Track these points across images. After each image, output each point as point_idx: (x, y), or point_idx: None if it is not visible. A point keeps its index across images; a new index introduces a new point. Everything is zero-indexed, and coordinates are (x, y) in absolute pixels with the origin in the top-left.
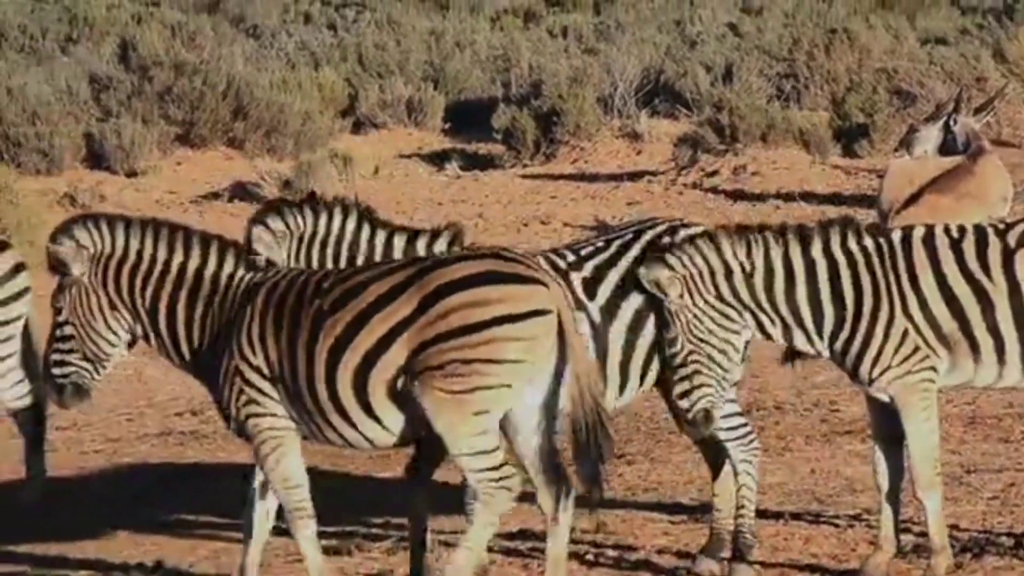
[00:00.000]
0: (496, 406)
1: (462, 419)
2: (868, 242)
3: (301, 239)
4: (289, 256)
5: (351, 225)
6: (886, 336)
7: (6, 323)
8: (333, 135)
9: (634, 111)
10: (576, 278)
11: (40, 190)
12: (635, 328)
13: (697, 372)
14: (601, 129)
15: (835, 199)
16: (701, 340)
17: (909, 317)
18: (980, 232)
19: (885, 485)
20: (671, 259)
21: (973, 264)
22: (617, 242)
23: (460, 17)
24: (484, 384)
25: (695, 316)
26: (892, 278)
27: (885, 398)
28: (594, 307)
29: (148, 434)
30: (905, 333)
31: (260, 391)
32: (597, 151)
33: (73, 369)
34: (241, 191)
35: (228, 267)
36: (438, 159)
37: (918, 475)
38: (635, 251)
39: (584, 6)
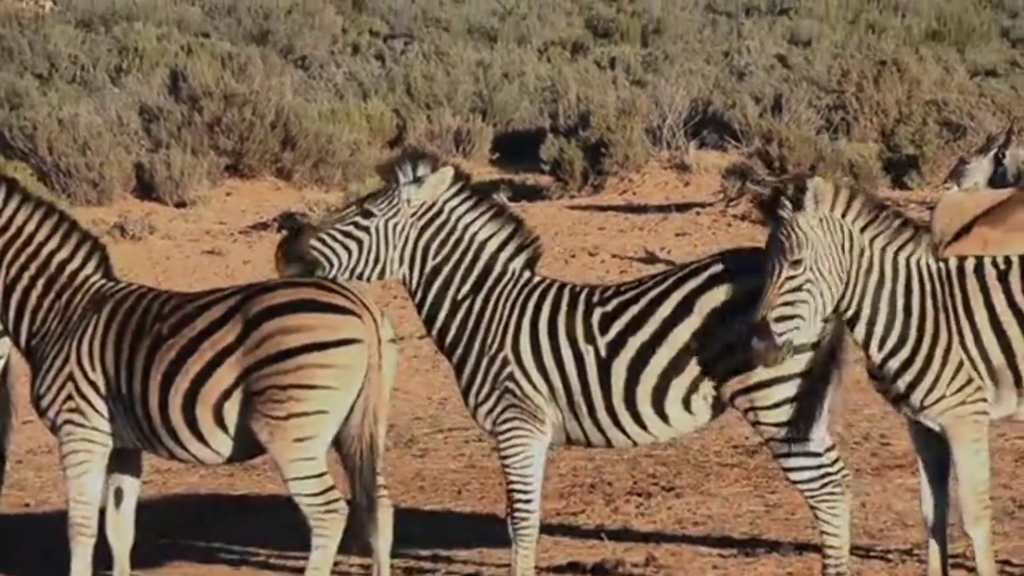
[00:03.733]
0: (315, 432)
1: (285, 446)
2: (938, 265)
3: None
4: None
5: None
6: (943, 364)
7: None
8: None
9: (682, 142)
10: (598, 312)
11: (90, 220)
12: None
13: (802, 302)
14: (649, 160)
15: None
16: (821, 275)
17: (965, 348)
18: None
19: (932, 518)
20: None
21: (1019, 297)
22: (656, 279)
23: (508, 48)
24: (299, 410)
25: (824, 254)
26: (950, 305)
27: (935, 427)
28: (603, 342)
29: (197, 465)
30: (960, 364)
31: (89, 403)
32: (645, 182)
33: None
34: (290, 221)
35: (88, 268)
36: (486, 190)
37: (966, 509)
38: (659, 288)
39: (632, 38)
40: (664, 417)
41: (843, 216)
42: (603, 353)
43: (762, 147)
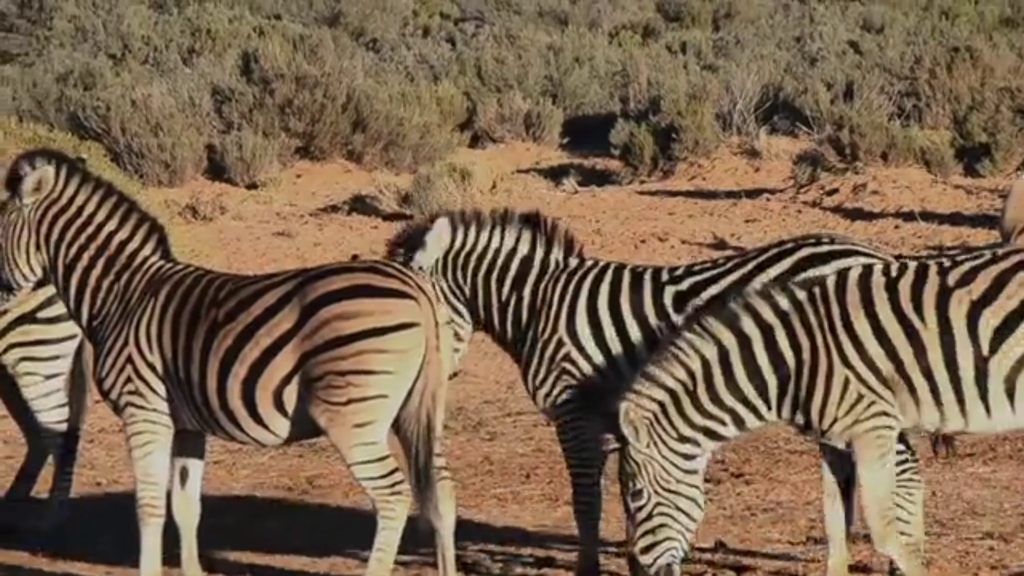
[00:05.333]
0: (375, 417)
1: (345, 431)
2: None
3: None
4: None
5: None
6: (828, 385)
7: (55, 342)
8: (451, 149)
9: (753, 128)
10: (670, 291)
11: (162, 201)
12: None
13: (663, 526)
14: (720, 146)
15: (956, 219)
16: (668, 492)
17: (848, 364)
18: (920, 271)
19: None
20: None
21: (906, 305)
22: (734, 263)
23: (579, 32)
24: (358, 396)
25: (661, 467)
26: (826, 324)
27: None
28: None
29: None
30: (847, 381)
31: (148, 385)
32: (715, 168)
33: None
34: (359, 204)
35: (147, 249)
36: (555, 174)
37: (873, 530)
38: (740, 271)
39: (703, 22)
40: None
41: None
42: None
43: (833, 133)
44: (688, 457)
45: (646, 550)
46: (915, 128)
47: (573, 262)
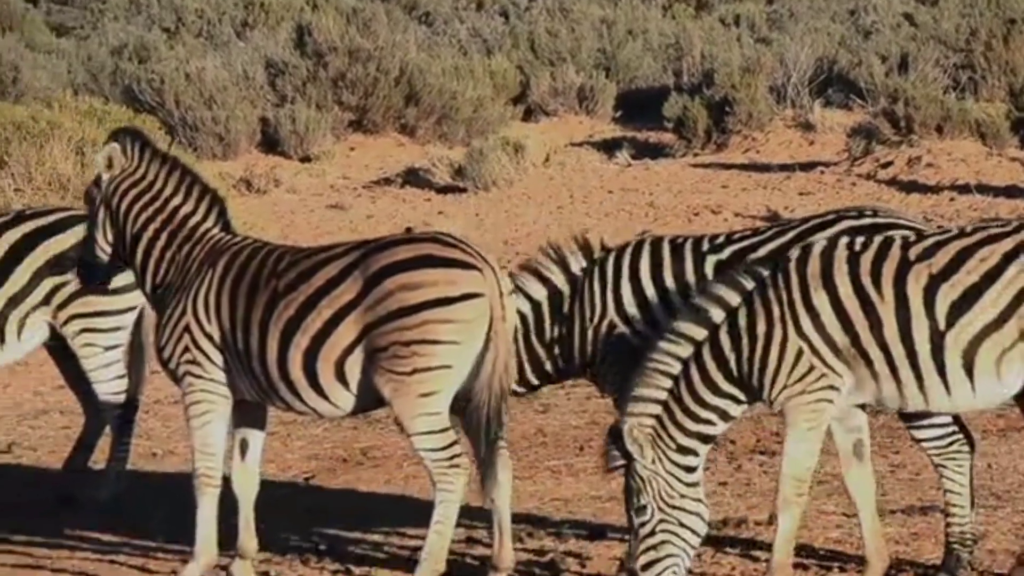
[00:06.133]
0: (439, 387)
1: (409, 401)
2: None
3: None
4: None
5: None
6: (781, 354)
7: (116, 313)
8: (504, 122)
9: (807, 101)
10: (711, 260)
11: (216, 174)
12: None
13: (666, 542)
14: (773, 119)
15: (1012, 191)
16: (672, 507)
17: (803, 335)
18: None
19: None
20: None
21: (866, 279)
22: (775, 231)
23: (632, 5)
24: (423, 365)
25: (665, 482)
26: (784, 297)
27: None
28: None
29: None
30: (800, 352)
31: (206, 355)
32: (769, 141)
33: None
34: (413, 177)
35: (208, 222)
36: (609, 147)
37: (781, 491)
38: (780, 240)
39: None
40: None
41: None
42: None
43: (888, 106)
44: (690, 469)
45: (647, 567)
46: (970, 100)
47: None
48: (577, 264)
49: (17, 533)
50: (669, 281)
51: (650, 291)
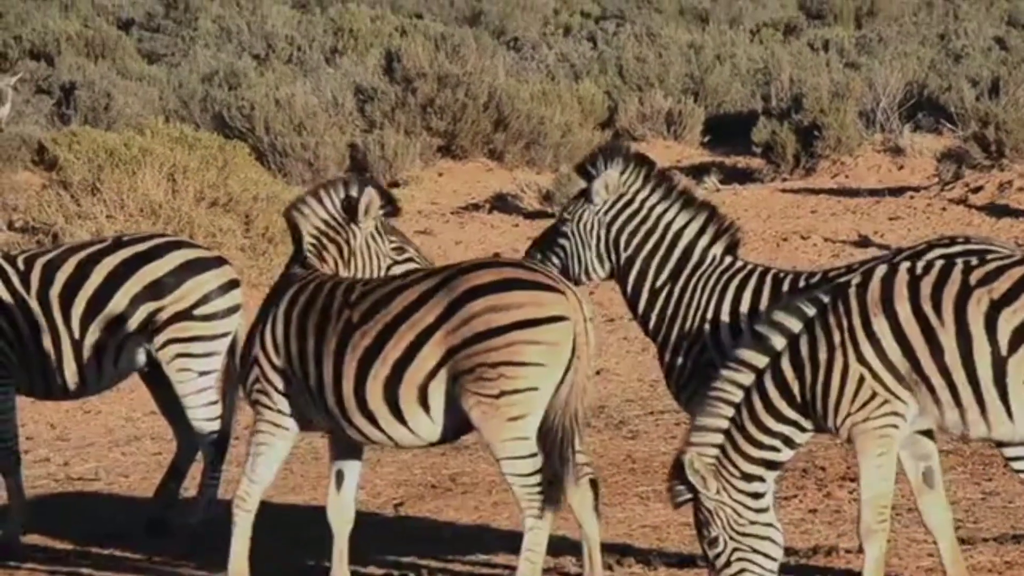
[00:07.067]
0: (528, 410)
1: (499, 424)
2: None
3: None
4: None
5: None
6: (843, 381)
7: (211, 338)
8: (592, 147)
9: (896, 125)
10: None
11: None
12: None
13: (744, 571)
14: (863, 143)
15: None
16: (743, 535)
17: (864, 362)
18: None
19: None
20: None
21: (926, 304)
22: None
23: (720, 30)
24: (511, 388)
25: (733, 510)
26: (845, 323)
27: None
28: None
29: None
30: (861, 379)
31: (274, 387)
32: (858, 165)
33: None
34: (501, 202)
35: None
36: (697, 172)
37: (863, 520)
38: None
39: (846, 19)
40: None
41: None
42: None
43: (978, 131)
44: (756, 495)
45: None
46: None
47: (727, 260)
48: (719, 248)
49: (109, 561)
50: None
51: (745, 326)
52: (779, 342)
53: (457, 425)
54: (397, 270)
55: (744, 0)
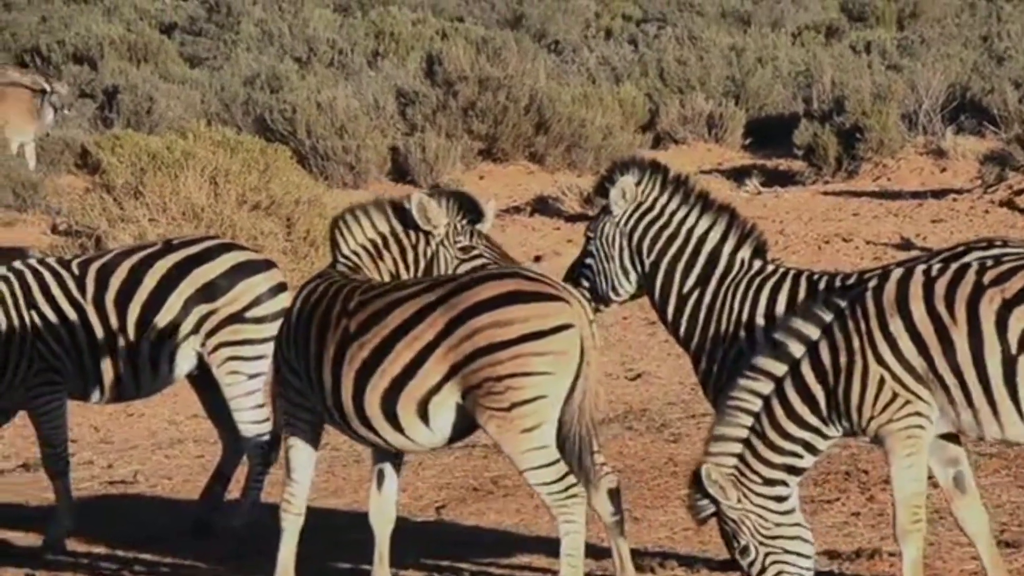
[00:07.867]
0: (541, 419)
1: (515, 436)
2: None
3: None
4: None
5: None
6: (864, 384)
7: (260, 342)
8: (633, 150)
9: (939, 128)
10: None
11: (347, 203)
12: None
13: (781, 574)
14: (905, 146)
15: None
16: (772, 538)
17: (883, 364)
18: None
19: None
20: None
21: (940, 305)
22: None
23: (761, 32)
24: (520, 399)
25: (758, 516)
26: (863, 326)
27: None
28: None
29: (454, 446)
30: (882, 380)
31: (292, 385)
32: (900, 168)
33: None
34: (542, 205)
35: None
36: (738, 175)
37: (897, 521)
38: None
39: (888, 22)
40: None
41: None
42: None
43: (1022, 132)
44: (779, 499)
45: None
46: None
47: (757, 264)
48: (746, 252)
49: (154, 564)
50: None
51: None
52: (797, 349)
53: (457, 431)
54: (465, 267)
55: (786, 3)
